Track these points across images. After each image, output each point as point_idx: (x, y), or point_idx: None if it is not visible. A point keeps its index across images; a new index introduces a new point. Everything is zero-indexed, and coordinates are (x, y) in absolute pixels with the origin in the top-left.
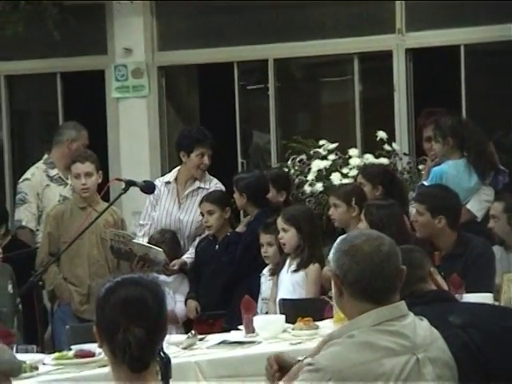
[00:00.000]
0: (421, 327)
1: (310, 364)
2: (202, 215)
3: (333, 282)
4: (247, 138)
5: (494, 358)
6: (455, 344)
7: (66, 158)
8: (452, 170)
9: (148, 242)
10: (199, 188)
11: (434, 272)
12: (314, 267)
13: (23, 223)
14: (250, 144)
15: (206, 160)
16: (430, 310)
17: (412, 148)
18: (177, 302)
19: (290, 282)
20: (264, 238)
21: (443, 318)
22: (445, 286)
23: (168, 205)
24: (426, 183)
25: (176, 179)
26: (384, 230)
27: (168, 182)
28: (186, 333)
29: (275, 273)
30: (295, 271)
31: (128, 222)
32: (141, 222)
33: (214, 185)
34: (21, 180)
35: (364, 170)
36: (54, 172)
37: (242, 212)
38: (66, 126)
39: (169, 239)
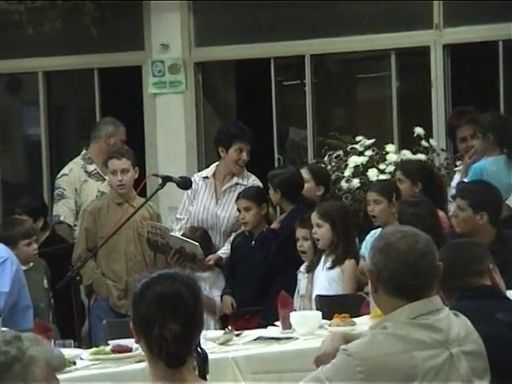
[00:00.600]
0: (455, 321)
1: (344, 349)
2: (239, 211)
3: (369, 278)
4: (284, 134)
5: None
6: (498, 341)
7: (103, 153)
8: (492, 167)
9: None
10: (237, 184)
11: (494, 269)
12: (349, 263)
13: (61, 218)
14: (286, 140)
15: (244, 155)
16: (479, 305)
17: (449, 144)
18: (213, 297)
19: (326, 279)
20: (300, 233)
21: (491, 314)
22: (502, 285)
23: (205, 200)
24: (465, 180)
25: (214, 174)
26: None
27: (206, 177)
28: (222, 328)
29: (311, 270)
30: (331, 268)
31: (164, 218)
32: (178, 216)
33: (252, 181)
34: (59, 175)
35: (403, 166)
36: (91, 167)
37: (278, 208)
38: (104, 122)
39: (199, 237)
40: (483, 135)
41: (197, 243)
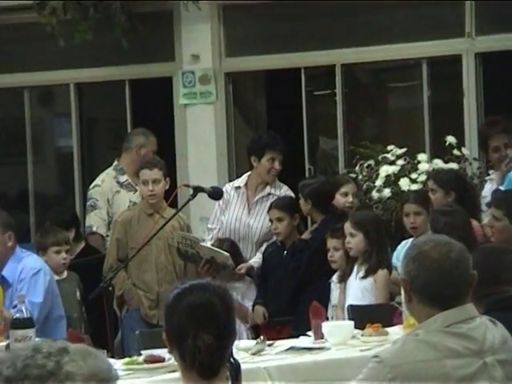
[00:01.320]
0: (492, 329)
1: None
2: (271, 222)
3: (402, 288)
4: (314, 144)
5: None
6: None
7: (135, 164)
8: None
9: None
10: (269, 194)
11: None
12: (382, 273)
13: (94, 229)
14: (317, 150)
15: (276, 165)
16: (506, 317)
17: (481, 153)
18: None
19: (359, 288)
20: (331, 243)
21: None
22: None
23: (237, 210)
24: (501, 188)
25: (246, 184)
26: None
27: (238, 187)
28: (254, 338)
29: (343, 279)
30: (364, 277)
31: (195, 228)
32: (209, 226)
33: (285, 191)
34: (91, 186)
35: (436, 175)
36: (123, 178)
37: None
38: (135, 133)
39: (227, 248)
40: None
41: (227, 253)
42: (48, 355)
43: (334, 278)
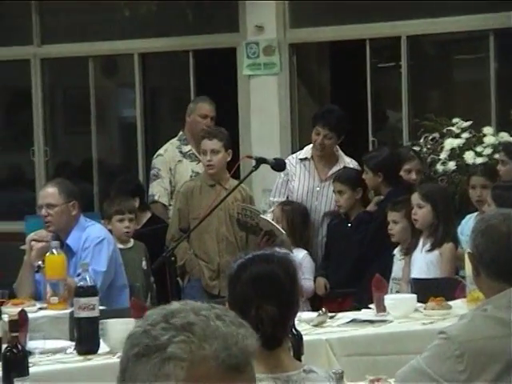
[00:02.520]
0: None
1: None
2: (335, 193)
3: (470, 262)
4: (378, 117)
5: None
6: None
7: (191, 132)
8: None
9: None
10: (345, 167)
11: None
12: (448, 246)
13: (156, 198)
14: (381, 122)
15: (319, 139)
16: None
17: None
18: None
19: (425, 262)
20: (390, 216)
21: None
22: None
23: (308, 181)
24: None
25: (312, 157)
26: None
27: (305, 159)
28: (314, 310)
29: (408, 253)
30: (430, 250)
31: (258, 200)
32: (271, 199)
33: (354, 165)
34: (155, 156)
35: (507, 147)
36: (187, 148)
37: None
38: (192, 101)
39: (299, 213)
40: None
41: (283, 231)
42: (167, 328)
43: (396, 251)
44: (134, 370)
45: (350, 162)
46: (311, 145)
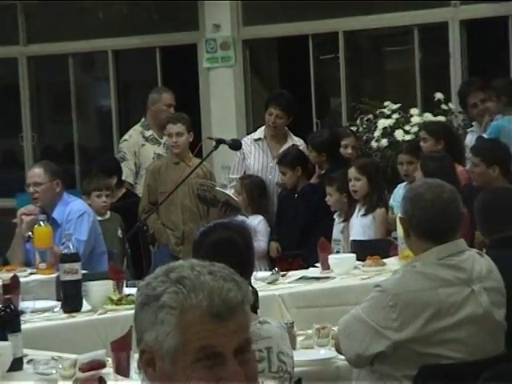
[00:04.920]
0: (479, 261)
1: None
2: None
3: (401, 225)
4: (321, 102)
5: None
6: None
7: (154, 119)
8: (508, 124)
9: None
10: (293, 145)
11: None
12: (380, 211)
13: (123, 177)
14: (323, 107)
15: (272, 118)
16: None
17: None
18: (257, 240)
19: (361, 225)
20: (327, 190)
21: None
22: None
23: (262, 159)
24: (484, 135)
25: (265, 137)
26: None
27: (259, 139)
28: (270, 269)
29: (346, 219)
30: (364, 215)
31: (218, 175)
32: (231, 176)
33: (301, 143)
34: (121, 141)
35: (427, 126)
36: (149, 133)
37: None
38: (152, 91)
39: (255, 184)
40: (497, 98)
41: (236, 198)
42: (165, 280)
43: (336, 215)
44: (140, 316)
45: (298, 141)
46: (263, 127)
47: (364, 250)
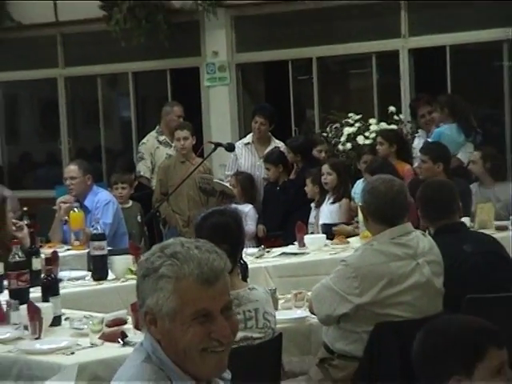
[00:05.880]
0: (422, 240)
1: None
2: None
3: (361, 212)
4: (298, 113)
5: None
6: (465, 265)
7: (167, 126)
8: (448, 131)
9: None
10: (276, 147)
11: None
12: (345, 200)
13: (141, 173)
14: (300, 117)
15: (257, 126)
16: (451, 239)
17: (412, 119)
18: (247, 224)
19: (329, 212)
20: (308, 181)
21: (461, 246)
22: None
23: (250, 159)
24: (429, 140)
25: (253, 141)
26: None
27: (248, 143)
28: (257, 247)
29: (318, 206)
30: (332, 203)
31: (216, 171)
32: (226, 173)
33: (282, 145)
34: (140, 144)
35: (382, 133)
36: (162, 138)
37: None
38: (165, 105)
39: (244, 179)
40: (441, 110)
41: (230, 187)
42: (161, 255)
43: (312, 204)
44: (142, 286)
45: (279, 143)
46: (251, 133)
47: (332, 231)
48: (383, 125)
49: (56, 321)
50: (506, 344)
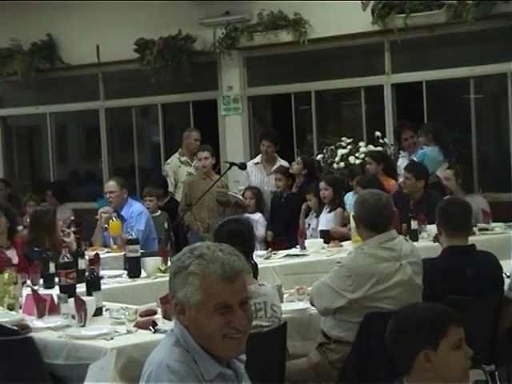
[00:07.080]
0: (405, 244)
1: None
2: (276, 180)
3: (353, 220)
4: (300, 137)
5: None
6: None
7: (187, 149)
8: (430, 152)
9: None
10: (281, 165)
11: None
12: (339, 210)
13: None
14: (301, 140)
15: (265, 148)
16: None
17: (395, 142)
18: (258, 230)
19: (326, 219)
20: (308, 197)
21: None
22: None
23: (259, 176)
24: (415, 159)
25: (262, 161)
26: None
27: (257, 163)
28: (266, 249)
29: (318, 215)
30: (329, 212)
31: (231, 186)
32: (239, 188)
33: (287, 164)
34: (165, 164)
35: (371, 153)
36: (183, 158)
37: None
38: (186, 130)
39: (254, 193)
40: (426, 134)
41: (242, 198)
42: (190, 256)
43: (311, 213)
44: (173, 281)
45: (284, 163)
46: (260, 154)
47: (328, 236)
48: (371, 147)
49: (98, 311)
50: (462, 323)
